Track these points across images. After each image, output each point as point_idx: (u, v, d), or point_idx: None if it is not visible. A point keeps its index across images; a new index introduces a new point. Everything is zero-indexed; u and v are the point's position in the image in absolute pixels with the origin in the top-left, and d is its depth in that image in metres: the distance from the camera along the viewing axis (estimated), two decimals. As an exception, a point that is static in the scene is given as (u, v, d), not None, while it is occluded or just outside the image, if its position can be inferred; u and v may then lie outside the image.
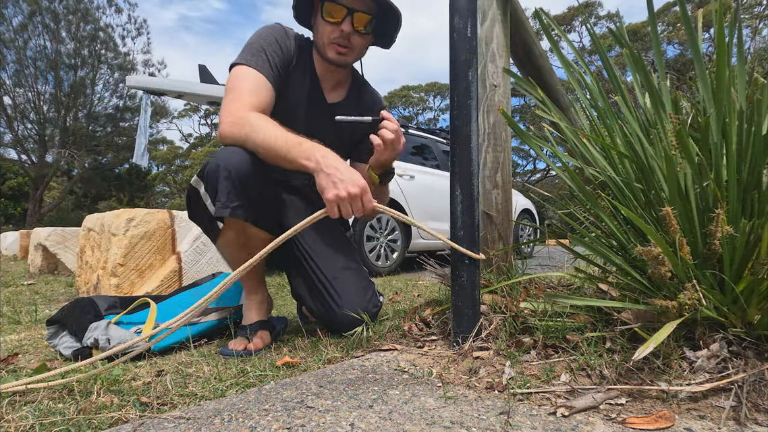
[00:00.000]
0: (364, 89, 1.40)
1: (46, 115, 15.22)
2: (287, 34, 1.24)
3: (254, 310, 1.24)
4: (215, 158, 1.06)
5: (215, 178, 1.05)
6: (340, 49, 1.22)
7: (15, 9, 13.68)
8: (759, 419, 0.64)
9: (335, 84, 1.33)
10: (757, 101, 0.79)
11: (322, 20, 1.20)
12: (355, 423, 0.66)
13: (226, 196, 1.04)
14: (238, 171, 1.04)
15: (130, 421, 0.71)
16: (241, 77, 1.14)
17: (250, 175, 1.06)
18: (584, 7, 17.66)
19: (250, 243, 1.16)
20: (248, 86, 1.12)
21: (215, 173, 1.05)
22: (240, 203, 1.06)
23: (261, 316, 1.24)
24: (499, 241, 1.30)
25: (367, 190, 0.98)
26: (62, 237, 3.76)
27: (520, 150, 22.56)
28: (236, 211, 1.05)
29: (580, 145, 1.05)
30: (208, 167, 1.06)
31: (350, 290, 1.24)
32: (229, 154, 1.06)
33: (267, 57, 1.17)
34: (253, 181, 1.07)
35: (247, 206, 1.07)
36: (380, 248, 3.79)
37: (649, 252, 0.76)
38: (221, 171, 1.04)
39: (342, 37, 1.20)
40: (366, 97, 1.39)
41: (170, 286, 2.14)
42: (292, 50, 1.24)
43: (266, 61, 1.16)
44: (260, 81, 1.14)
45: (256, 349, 1.13)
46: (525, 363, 0.87)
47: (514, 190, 5.01)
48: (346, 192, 0.95)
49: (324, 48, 1.23)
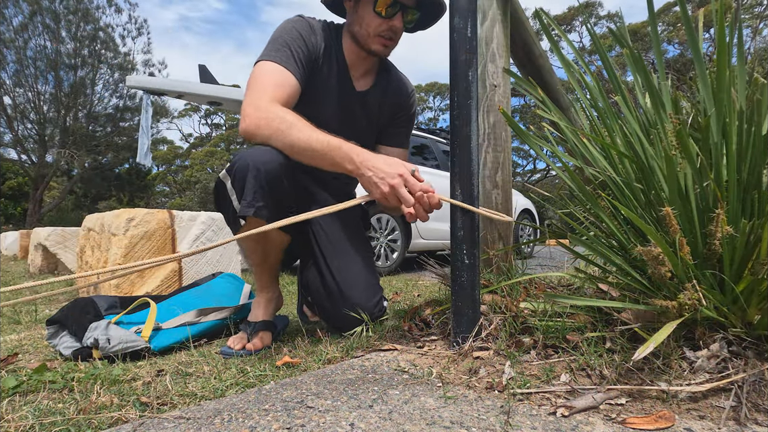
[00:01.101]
0: (391, 75, 1.38)
1: (46, 115, 15.23)
2: (312, 28, 1.22)
3: (262, 308, 1.24)
4: (246, 156, 1.05)
5: (243, 176, 1.04)
6: (386, 42, 1.22)
7: (15, 9, 13.69)
8: (759, 419, 0.64)
9: (364, 72, 1.32)
10: (757, 101, 0.79)
11: (372, 13, 1.19)
12: (355, 423, 0.66)
13: (252, 195, 1.04)
14: (267, 171, 1.04)
15: (130, 421, 0.71)
16: (266, 72, 1.12)
17: (280, 177, 1.06)
18: (584, 7, 17.66)
19: (268, 241, 1.17)
20: (273, 80, 1.10)
21: (244, 171, 1.04)
22: (265, 203, 1.05)
23: (267, 315, 1.24)
24: (499, 241, 1.30)
25: (408, 175, 0.99)
26: (62, 237, 3.76)
27: (520, 150, 22.57)
28: (261, 211, 1.05)
29: (580, 145, 1.05)
30: (238, 164, 1.05)
31: (359, 291, 1.24)
32: (260, 153, 1.04)
33: (292, 52, 1.15)
34: (280, 182, 1.07)
35: (272, 207, 1.07)
36: (380, 248, 3.79)
37: (649, 252, 0.76)
38: (250, 169, 1.03)
39: (390, 31, 1.20)
40: (393, 84, 1.38)
41: (170, 286, 2.14)
42: (318, 43, 1.22)
43: (291, 57, 1.15)
44: (285, 76, 1.12)
45: (255, 349, 1.13)
46: (525, 363, 0.87)
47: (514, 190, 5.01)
48: (388, 187, 0.98)
49: (367, 39, 1.22)
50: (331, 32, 1.27)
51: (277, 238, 1.19)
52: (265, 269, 1.24)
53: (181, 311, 1.32)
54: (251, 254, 1.21)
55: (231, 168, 1.07)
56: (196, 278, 2.20)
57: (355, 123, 1.31)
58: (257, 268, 1.24)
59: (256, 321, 1.21)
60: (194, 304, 1.37)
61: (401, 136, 1.43)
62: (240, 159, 1.06)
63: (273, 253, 1.22)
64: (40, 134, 15.33)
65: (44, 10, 13.97)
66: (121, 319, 1.22)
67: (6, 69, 14.12)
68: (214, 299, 1.42)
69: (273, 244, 1.20)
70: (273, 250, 1.22)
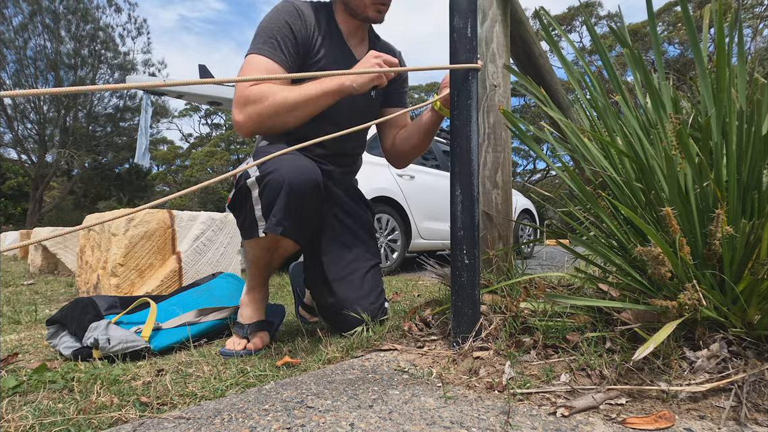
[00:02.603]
0: (380, 41, 1.44)
1: (46, 115, 15.23)
2: (299, 11, 1.22)
3: (254, 308, 1.24)
4: (282, 169, 1.04)
5: (274, 191, 1.04)
6: (380, 7, 1.26)
7: (15, 9, 13.68)
8: (759, 419, 0.64)
9: (360, 40, 1.36)
10: (757, 101, 0.79)
11: None
12: (355, 423, 0.66)
13: (283, 213, 1.04)
14: (301, 191, 1.05)
15: (130, 421, 0.71)
16: (252, 64, 1.13)
17: (313, 197, 1.08)
18: (584, 7, 17.66)
19: (278, 250, 1.18)
20: (258, 72, 1.12)
21: (276, 187, 1.04)
22: (291, 222, 1.06)
23: (260, 315, 1.24)
24: (499, 241, 1.30)
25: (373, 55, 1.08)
26: (62, 237, 3.76)
27: (520, 150, 22.56)
28: (288, 230, 1.06)
29: (580, 144, 1.05)
30: (271, 177, 1.04)
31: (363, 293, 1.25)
32: (296, 171, 1.05)
33: (278, 42, 1.16)
34: (311, 202, 1.08)
35: (297, 226, 1.08)
36: (380, 248, 3.79)
37: (649, 252, 0.76)
38: (285, 187, 1.03)
39: None
40: (384, 48, 1.44)
41: (170, 286, 2.14)
42: (309, 24, 1.23)
43: (277, 47, 1.15)
44: (271, 67, 1.13)
45: (255, 349, 1.13)
46: (525, 363, 0.87)
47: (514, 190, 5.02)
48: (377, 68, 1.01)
49: (364, 8, 1.25)
50: (320, 10, 1.29)
51: (290, 247, 1.18)
52: (265, 272, 1.23)
53: (181, 311, 1.31)
54: (257, 260, 1.20)
55: (262, 178, 1.06)
56: (196, 278, 2.20)
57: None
58: (257, 271, 1.22)
59: (250, 322, 1.19)
60: (194, 304, 1.37)
61: (403, 96, 1.49)
62: (274, 172, 1.04)
63: (278, 261, 1.23)
64: (40, 134, 15.33)
65: (44, 10, 13.97)
66: (121, 319, 1.22)
67: (6, 69, 14.12)
68: (214, 299, 1.42)
69: (285, 253, 1.20)
70: (280, 258, 1.22)
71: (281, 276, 3.29)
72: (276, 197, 1.04)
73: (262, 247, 1.15)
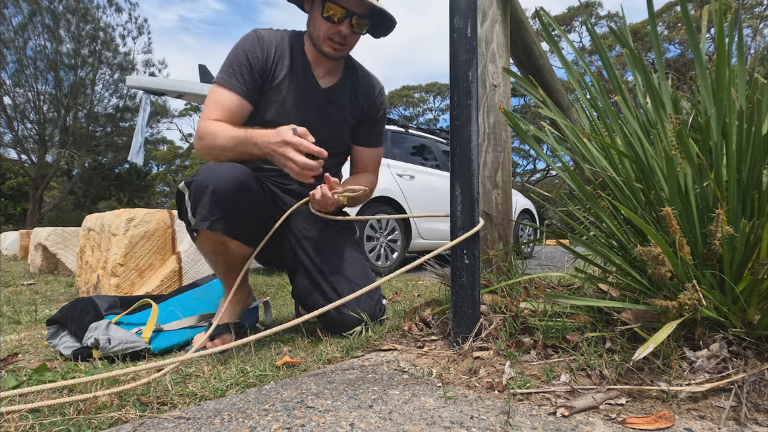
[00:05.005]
0: (357, 72, 1.42)
1: (46, 115, 15.23)
2: (260, 39, 1.27)
3: (228, 310, 1.27)
4: (207, 172, 1.12)
5: (198, 192, 1.11)
6: (336, 46, 1.25)
7: (15, 9, 13.68)
8: (759, 419, 0.64)
9: (328, 70, 1.35)
10: (757, 101, 0.79)
11: (320, 17, 1.23)
12: (355, 423, 0.66)
13: (207, 209, 1.10)
14: (222, 190, 1.10)
15: (130, 421, 0.71)
16: (211, 97, 1.23)
17: (237, 193, 1.12)
18: (584, 7, 17.66)
19: (228, 253, 1.22)
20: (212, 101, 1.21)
21: (199, 188, 1.11)
22: (217, 217, 1.11)
23: (232, 317, 1.27)
24: (499, 241, 1.30)
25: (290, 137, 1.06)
26: (62, 237, 3.76)
27: (520, 150, 22.57)
28: (214, 225, 1.11)
29: (580, 144, 1.05)
30: (197, 180, 1.12)
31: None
32: (220, 172, 1.11)
33: (234, 71, 1.22)
34: (235, 197, 1.12)
35: (224, 222, 1.12)
36: (380, 248, 3.79)
37: (649, 252, 0.76)
38: (206, 187, 1.10)
39: (339, 35, 1.23)
40: (360, 79, 1.41)
41: (170, 286, 2.14)
42: (268, 51, 1.27)
43: (233, 76, 1.22)
44: (224, 95, 1.21)
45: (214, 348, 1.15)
46: (525, 363, 0.87)
47: (514, 190, 5.01)
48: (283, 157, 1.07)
49: (319, 42, 1.26)
50: (293, 38, 1.32)
51: (238, 251, 1.22)
52: (230, 276, 1.26)
53: (181, 313, 1.32)
54: (214, 264, 1.26)
55: (191, 182, 1.14)
56: (196, 278, 2.19)
57: (330, 117, 1.35)
58: (221, 275, 1.29)
59: (219, 324, 1.22)
60: (194, 305, 1.37)
61: (372, 137, 1.47)
62: (199, 175, 1.13)
63: (236, 264, 1.25)
64: (40, 134, 15.33)
65: (44, 10, 13.96)
66: (121, 320, 1.22)
67: (6, 69, 14.12)
68: (214, 300, 1.42)
69: (235, 256, 1.23)
70: (235, 262, 1.25)
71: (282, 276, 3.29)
72: (200, 197, 1.11)
73: (208, 250, 1.21)
